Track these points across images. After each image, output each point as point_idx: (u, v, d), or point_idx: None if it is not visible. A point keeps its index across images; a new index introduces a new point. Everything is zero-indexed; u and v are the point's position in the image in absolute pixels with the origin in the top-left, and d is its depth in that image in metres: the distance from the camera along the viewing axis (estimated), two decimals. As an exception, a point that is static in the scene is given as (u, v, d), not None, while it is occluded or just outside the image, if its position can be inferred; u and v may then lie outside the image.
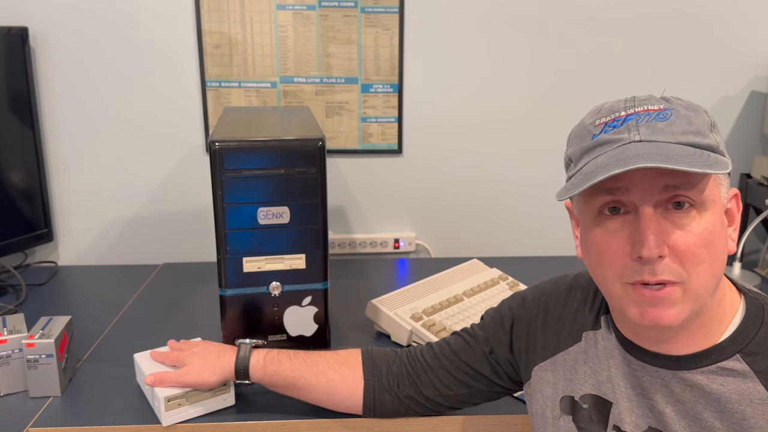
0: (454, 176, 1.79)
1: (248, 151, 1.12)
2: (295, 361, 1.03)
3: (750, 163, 1.82)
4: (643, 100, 0.73)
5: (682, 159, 0.66)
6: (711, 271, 0.70)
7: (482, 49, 1.72)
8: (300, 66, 1.69)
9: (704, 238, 0.68)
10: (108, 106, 1.69)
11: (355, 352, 1.05)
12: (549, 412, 0.87)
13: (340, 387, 1.02)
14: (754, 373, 0.71)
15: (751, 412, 0.70)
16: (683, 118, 0.71)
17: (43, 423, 1.05)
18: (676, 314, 0.69)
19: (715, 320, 0.74)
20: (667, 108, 0.71)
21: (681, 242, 0.68)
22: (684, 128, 0.70)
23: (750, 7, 1.72)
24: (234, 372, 1.03)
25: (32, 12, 1.62)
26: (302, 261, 1.17)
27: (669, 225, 0.69)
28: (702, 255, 0.68)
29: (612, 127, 0.71)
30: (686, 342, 0.74)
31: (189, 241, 1.78)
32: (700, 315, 0.73)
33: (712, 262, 0.69)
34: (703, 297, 0.70)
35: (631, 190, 0.69)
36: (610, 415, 0.80)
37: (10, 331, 1.12)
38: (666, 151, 0.67)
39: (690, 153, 0.68)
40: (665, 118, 0.70)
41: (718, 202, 0.71)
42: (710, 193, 0.70)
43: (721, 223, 0.71)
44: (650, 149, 0.67)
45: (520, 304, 0.95)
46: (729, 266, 1.66)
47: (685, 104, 0.73)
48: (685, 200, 0.68)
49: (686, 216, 0.69)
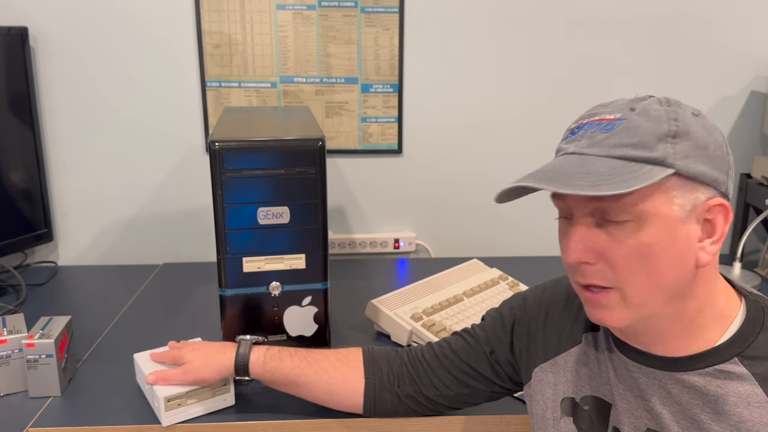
0: (454, 176, 1.79)
1: (248, 151, 1.12)
2: (296, 359, 1.03)
3: (750, 163, 1.82)
4: (606, 107, 0.74)
5: (584, 178, 0.66)
6: (651, 281, 0.70)
7: (482, 49, 1.72)
8: (300, 66, 1.69)
9: (638, 250, 0.69)
10: (108, 106, 1.69)
11: (356, 350, 1.05)
12: (549, 413, 0.87)
13: (341, 385, 1.02)
14: (752, 376, 0.71)
15: (749, 414, 0.70)
16: (630, 129, 0.69)
17: (43, 423, 1.05)
18: (618, 317, 0.72)
19: (710, 322, 0.73)
20: (620, 118, 0.71)
21: (610, 253, 0.70)
22: (622, 140, 0.69)
23: (750, 7, 1.72)
24: (234, 368, 1.03)
25: (32, 12, 1.62)
26: (302, 261, 1.17)
27: (602, 235, 0.70)
28: (635, 266, 0.69)
29: (571, 134, 0.74)
30: (677, 344, 0.74)
31: (189, 241, 1.78)
32: (674, 319, 0.73)
33: (652, 274, 0.69)
34: (647, 306, 0.71)
35: (566, 199, 0.72)
36: (609, 416, 0.80)
37: (10, 331, 1.12)
38: (581, 166, 0.69)
39: (610, 168, 0.68)
40: (609, 130, 0.70)
41: (665, 215, 0.68)
42: (650, 207, 0.68)
43: (669, 236, 0.69)
44: (567, 164, 0.70)
45: (521, 305, 0.95)
46: (729, 266, 1.66)
47: (652, 112, 0.70)
48: (617, 216, 0.69)
49: (621, 228, 0.69)
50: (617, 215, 0.69)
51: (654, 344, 0.76)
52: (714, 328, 0.74)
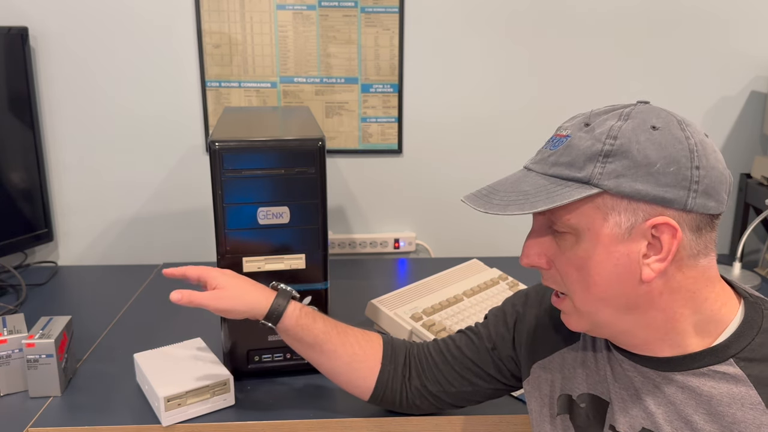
0: (454, 176, 1.79)
1: (248, 151, 1.12)
2: (328, 324, 1.02)
3: (750, 163, 1.82)
4: (570, 120, 0.76)
5: (509, 195, 0.73)
6: (590, 292, 0.73)
7: (482, 49, 1.72)
8: (300, 66, 1.69)
9: (574, 262, 0.73)
10: (108, 106, 1.69)
11: (378, 335, 1.05)
12: (547, 410, 0.87)
13: (361, 364, 1.01)
14: (747, 378, 0.70)
15: (742, 416, 0.69)
16: (568, 148, 0.72)
17: (43, 423, 1.05)
18: (575, 322, 0.77)
19: (696, 327, 0.73)
20: (566, 135, 0.73)
21: (555, 261, 0.75)
22: (558, 159, 0.72)
23: (750, 7, 1.72)
24: (268, 311, 0.98)
25: (32, 12, 1.62)
26: (302, 261, 1.17)
27: (553, 243, 0.75)
28: (573, 276, 0.73)
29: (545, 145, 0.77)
30: (664, 347, 0.74)
31: (189, 241, 1.78)
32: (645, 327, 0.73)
33: (590, 285, 0.72)
34: (594, 315, 0.74)
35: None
36: (606, 414, 0.80)
37: (10, 331, 1.12)
38: (514, 185, 0.75)
39: (534, 187, 0.72)
40: (555, 147, 0.74)
41: (597, 231, 0.70)
42: (582, 222, 0.71)
43: (604, 251, 0.70)
44: (508, 180, 0.77)
45: (522, 302, 0.96)
46: (729, 266, 1.66)
47: (598, 129, 0.71)
48: (557, 228, 0.74)
49: (562, 239, 0.74)
50: (557, 227, 0.73)
51: (641, 348, 0.76)
52: (703, 332, 0.73)
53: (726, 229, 1.86)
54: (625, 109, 0.72)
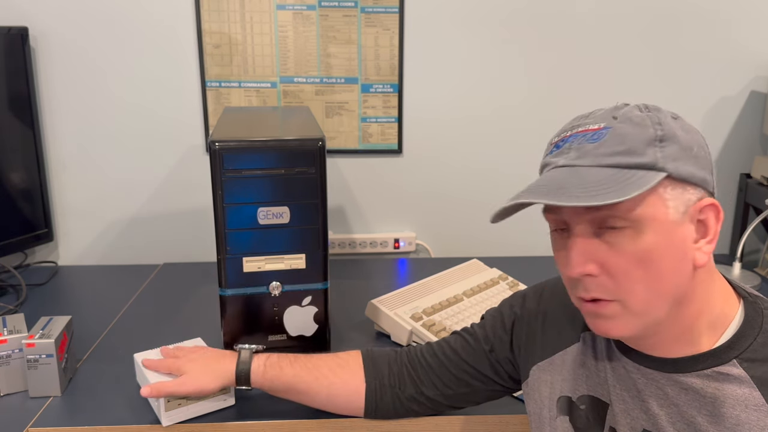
0: (454, 176, 1.79)
1: (248, 151, 1.12)
2: (296, 366, 1.03)
3: (750, 163, 1.82)
4: (589, 117, 0.73)
5: (581, 189, 0.66)
6: (652, 289, 0.69)
7: (482, 48, 1.71)
8: (300, 66, 1.69)
9: (638, 257, 0.68)
10: (108, 106, 1.69)
11: (355, 354, 1.05)
12: (546, 412, 0.87)
13: (341, 390, 1.02)
14: (750, 379, 0.70)
15: (746, 417, 0.69)
16: (617, 137, 0.70)
17: (43, 423, 1.05)
18: (622, 327, 0.71)
19: (708, 325, 0.73)
20: (605, 127, 0.71)
21: (611, 262, 0.69)
22: (612, 149, 0.69)
23: (750, 7, 1.72)
24: (234, 378, 1.02)
25: (32, 12, 1.62)
26: (302, 261, 1.17)
27: (602, 245, 0.70)
28: (636, 274, 0.69)
29: (556, 148, 0.74)
30: (676, 348, 0.74)
31: (189, 241, 1.78)
32: (674, 324, 0.72)
33: (652, 281, 0.69)
34: (651, 314, 0.71)
35: (563, 212, 0.71)
36: (606, 416, 0.80)
37: (10, 331, 1.12)
38: (574, 178, 0.68)
39: (603, 177, 0.68)
40: (597, 140, 0.70)
41: (662, 219, 0.68)
42: (647, 212, 0.68)
43: (669, 239, 0.69)
44: (559, 177, 0.70)
45: (520, 304, 0.96)
46: (729, 266, 1.66)
47: (635, 118, 0.71)
48: (608, 219, 0.69)
49: (620, 235, 0.69)
50: (615, 222, 0.68)
51: (653, 348, 0.76)
52: (712, 331, 0.73)
53: (726, 229, 1.86)
54: (630, 105, 0.74)
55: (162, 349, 1.11)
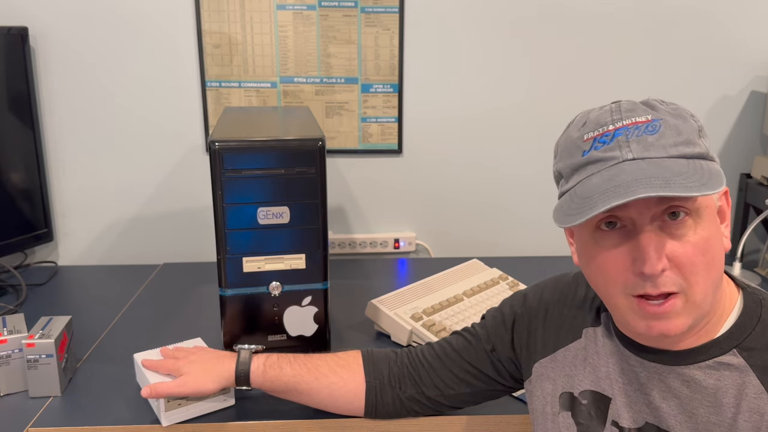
0: (454, 176, 1.79)
1: (248, 151, 1.12)
2: (295, 366, 1.03)
3: (750, 163, 1.82)
4: (629, 111, 0.71)
5: (678, 179, 0.65)
6: (709, 277, 0.70)
7: (482, 48, 1.71)
8: (300, 66, 1.69)
9: (701, 246, 0.68)
10: (108, 106, 1.69)
11: (355, 354, 1.05)
12: (549, 408, 0.87)
13: (341, 390, 1.02)
14: (750, 368, 0.71)
15: (746, 406, 0.70)
16: (672, 128, 0.70)
17: (43, 423, 1.05)
18: (681, 324, 0.70)
19: (713, 316, 0.74)
20: (654, 119, 0.70)
21: (679, 253, 0.68)
22: (674, 140, 0.69)
23: (750, 6, 1.72)
24: (234, 378, 1.02)
25: (32, 12, 1.62)
26: (302, 261, 1.17)
27: (667, 237, 0.68)
28: (699, 263, 0.68)
29: (602, 143, 0.71)
30: (685, 339, 0.75)
31: (189, 241, 1.78)
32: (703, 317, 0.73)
33: (710, 268, 0.69)
34: (704, 304, 0.70)
35: (629, 207, 0.69)
36: (609, 410, 0.81)
37: (10, 331, 1.12)
38: (660, 169, 0.67)
39: (684, 167, 0.67)
40: (654, 131, 0.69)
41: (711, 205, 0.71)
42: (705, 200, 0.70)
43: (715, 225, 0.71)
44: (645, 169, 0.67)
45: (521, 302, 0.96)
46: (729, 266, 1.66)
47: (672, 110, 0.72)
48: (680, 210, 0.68)
49: (683, 226, 0.68)
50: (682, 212, 0.68)
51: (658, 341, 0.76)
52: (715, 321, 0.75)
53: (726, 229, 1.86)
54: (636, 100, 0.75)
55: (162, 350, 1.11)
